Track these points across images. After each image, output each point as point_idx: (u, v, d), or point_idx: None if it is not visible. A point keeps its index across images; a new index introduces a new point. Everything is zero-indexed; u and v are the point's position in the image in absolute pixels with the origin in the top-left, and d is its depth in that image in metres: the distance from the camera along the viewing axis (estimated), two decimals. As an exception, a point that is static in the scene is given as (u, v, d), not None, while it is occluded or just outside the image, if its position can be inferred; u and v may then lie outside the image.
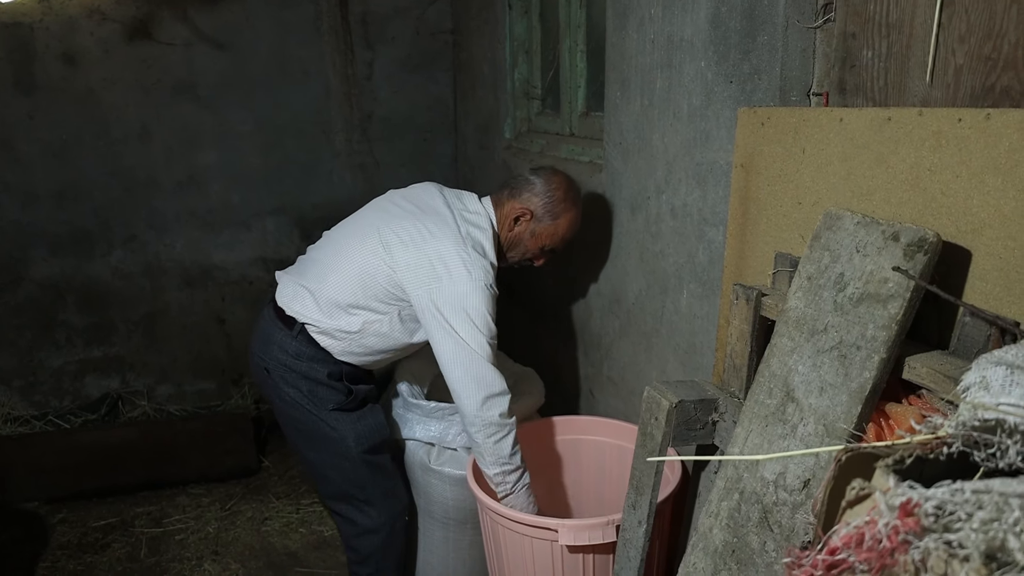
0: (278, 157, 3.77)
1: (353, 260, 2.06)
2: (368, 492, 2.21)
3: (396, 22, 3.82)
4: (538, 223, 2.19)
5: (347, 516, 2.27)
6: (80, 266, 3.63)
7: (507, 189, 2.22)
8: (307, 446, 2.21)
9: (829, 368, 1.17)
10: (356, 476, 2.19)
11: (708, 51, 1.78)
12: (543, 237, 2.21)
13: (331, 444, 2.15)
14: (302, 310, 2.09)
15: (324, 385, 2.12)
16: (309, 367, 2.11)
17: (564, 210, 2.19)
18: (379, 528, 2.25)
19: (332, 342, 2.10)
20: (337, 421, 2.14)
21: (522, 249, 2.23)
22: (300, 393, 2.12)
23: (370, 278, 2.04)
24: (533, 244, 2.22)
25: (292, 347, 2.10)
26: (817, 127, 1.38)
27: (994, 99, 1.19)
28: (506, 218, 2.19)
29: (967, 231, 1.10)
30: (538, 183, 2.19)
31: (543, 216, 2.18)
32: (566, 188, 2.20)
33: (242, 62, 3.63)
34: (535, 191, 2.18)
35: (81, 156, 3.51)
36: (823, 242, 1.25)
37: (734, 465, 1.32)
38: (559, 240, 2.23)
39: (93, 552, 2.89)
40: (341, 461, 2.17)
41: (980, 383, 0.71)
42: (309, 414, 2.13)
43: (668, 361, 2.13)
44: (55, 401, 3.72)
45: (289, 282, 2.16)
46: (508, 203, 2.19)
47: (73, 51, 3.42)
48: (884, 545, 0.57)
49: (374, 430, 2.19)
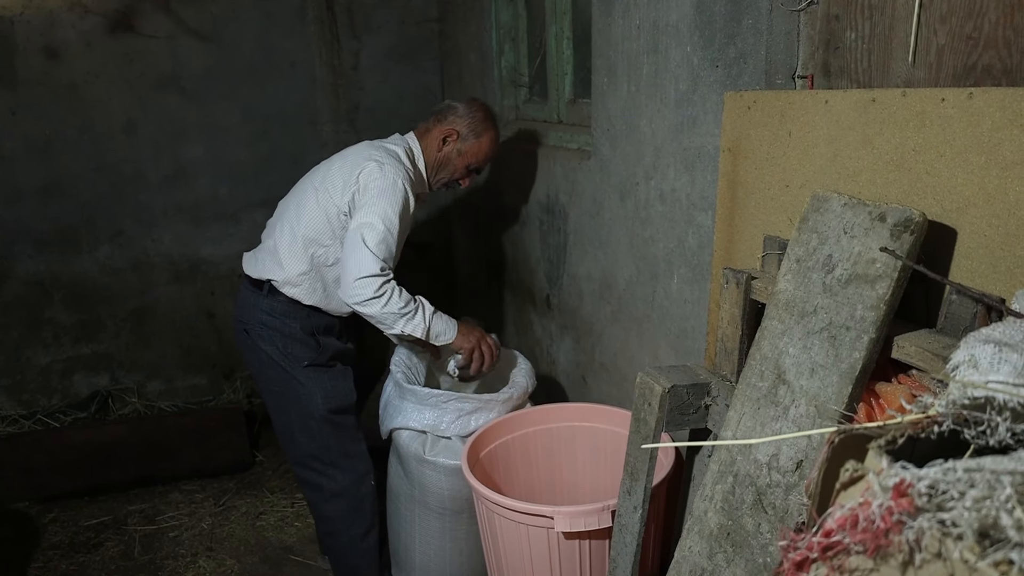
0: (265, 149, 3.75)
1: (295, 209, 2.30)
2: (332, 454, 2.36)
3: (382, 11, 3.80)
4: (464, 142, 2.41)
5: (314, 483, 2.40)
6: (66, 263, 3.60)
7: (433, 116, 2.45)
8: (279, 407, 2.36)
9: (819, 350, 1.18)
10: (320, 436, 2.33)
11: (694, 36, 1.78)
12: (468, 155, 2.43)
13: (300, 402, 2.31)
14: (264, 270, 2.31)
15: (297, 341, 2.30)
16: (282, 322, 2.29)
17: (485, 128, 2.43)
18: (344, 491, 2.38)
19: (296, 290, 2.28)
20: (307, 378, 2.30)
21: (450, 169, 2.45)
22: (276, 350, 2.30)
23: (309, 216, 2.26)
24: (460, 162, 2.44)
25: (265, 304, 2.30)
26: (803, 110, 1.38)
27: (976, 78, 1.19)
28: (434, 140, 2.41)
29: (952, 210, 1.11)
30: (460, 107, 2.43)
31: (468, 135, 2.41)
32: (485, 110, 2.45)
33: (227, 54, 3.60)
34: (458, 114, 2.41)
35: (65, 151, 3.48)
36: (811, 224, 1.26)
37: (727, 448, 1.33)
38: (483, 157, 2.47)
39: (86, 551, 2.88)
40: (308, 421, 2.32)
41: (969, 361, 0.71)
42: (283, 371, 2.30)
43: (660, 346, 2.14)
44: (44, 400, 3.70)
45: (252, 254, 2.41)
46: (435, 128, 2.42)
47: (55, 45, 3.38)
48: (878, 526, 0.57)
49: (342, 392, 2.36)
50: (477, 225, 3.70)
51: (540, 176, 2.86)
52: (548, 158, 2.76)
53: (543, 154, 2.80)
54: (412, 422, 2.28)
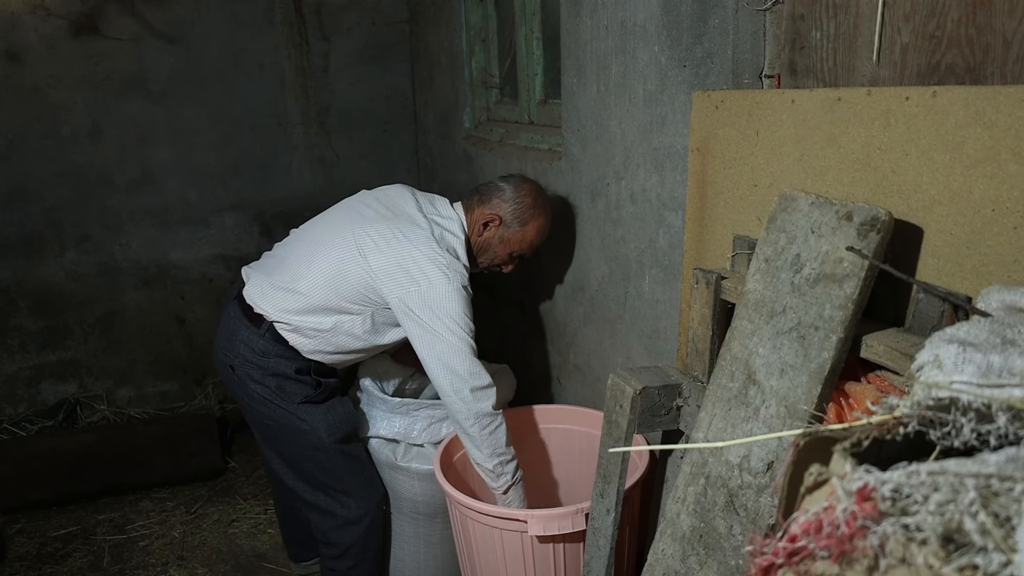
0: (234, 152, 3.70)
1: (328, 261, 2.05)
2: (346, 482, 2.22)
3: (351, 13, 3.77)
4: (507, 229, 2.20)
5: (325, 508, 2.24)
6: (32, 269, 3.53)
7: (477, 195, 2.24)
8: (279, 442, 2.21)
9: (789, 349, 1.17)
10: (331, 466, 2.19)
11: (661, 36, 1.77)
12: (512, 243, 2.23)
13: (303, 436, 2.16)
14: (272, 309, 2.08)
15: (292, 380, 2.12)
16: (276, 363, 2.11)
17: (532, 216, 2.21)
18: (360, 518, 2.25)
19: (302, 340, 2.10)
20: (307, 413, 2.14)
21: (491, 254, 2.25)
22: (268, 389, 2.12)
23: (344, 281, 2.04)
24: (502, 250, 2.24)
25: (259, 345, 2.10)
26: (770, 109, 1.38)
27: (940, 76, 1.20)
28: (475, 223, 2.20)
29: (918, 208, 1.11)
30: (507, 189, 2.21)
31: (512, 222, 2.20)
32: (535, 195, 2.23)
33: (194, 56, 3.55)
34: (504, 197, 2.20)
35: (28, 155, 3.41)
36: (779, 224, 1.26)
37: (699, 450, 1.32)
38: (527, 246, 2.25)
39: (53, 562, 2.82)
40: (315, 453, 2.17)
41: (933, 362, 0.70)
42: (278, 408, 2.13)
43: (633, 347, 2.13)
44: (9, 409, 3.62)
45: (258, 279, 2.14)
46: (478, 209, 2.21)
47: (16, 48, 3.31)
48: (843, 531, 0.56)
49: (344, 420, 2.21)
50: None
51: (512, 177, 2.84)
52: (520, 159, 2.75)
53: (515, 155, 2.79)
54: (382, 430, 2.25)
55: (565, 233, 2.45)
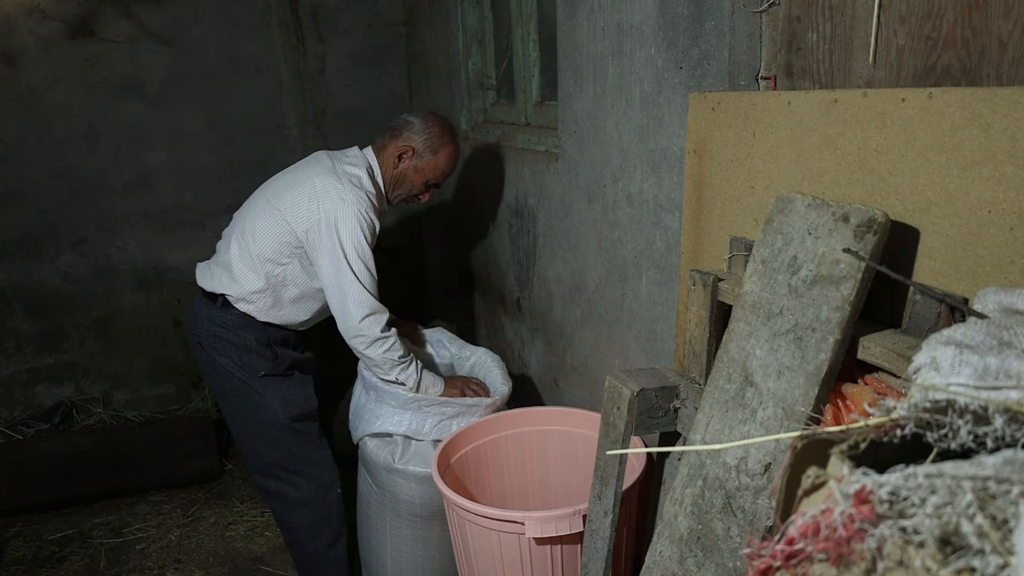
0: (231, 154, 3.70)
1: (252, 224, 2.25)
2: (296, 462, 2.34)
3: (348, 15, 3.77)
4: (420, 159, 2.37)
5: (277, 492, 2.37)
6: (28, 271, 3.52)
7: (389, 131, 2.40)
8: (239, 418, 2.33)
9: (786, 351, 1.17)
10: (283, 444, 2.31)
11: (657, 37, 1.77)
12: (425, 171, 2.39)
13: (260, 412, 2.29)
14: (218, 284, 2.27)
15: (253, 352, 2.28)
16: (236, 335, 2.27)
17: (442, 144, 2.38)
18: (310, 499, 2.36)
19: (251, 306, 2.26)
20: (265, 388, 2.28)
21: (408, 185, 2.41)
22: (231, 361, 2.27)
23: (265, 235, 2.22)
24: (418, 179, 2.40)
25: (219, 317, 2.28)
26: (766, 111, 1.38)
27: (936, 78, 1.20)
28: (390, 157, 2.37)
29: (914, 210, 1.11)
30: (416, 122, 2.37)
31: (424, 152, 2.36)
32: (442, 125, 2.40)
33: (190, 58, 3.55)
34: (414, 130, 2.36)
35: (24, 158, 3.40)
36: (776, 225, 1.26)
37: (697, 452, 1.32)
38: (440, 173, 2.42)
39: (50, 566, 2.82)
40: (269, 430, 2.30)
41: (930, 364, 0.71)
42: (241, 383, 2.28)
43: (630, 348, 2.13)
44: (5, 412, 3.61)
45: (206, 266, 2.36)
46: (391, 144, 2.37)
47: (11, 50, 3.30)
48: (840, 534, 0.56)
49: (302, 400, 2.33)
50: (447, 229, 3.68)
51: (509, 179, 2.84)
52: (516, 160, 2.75)
53: (512, 156, 2.79)
54: (390, 426, 2.25)
55: (562, 234, 2.45)
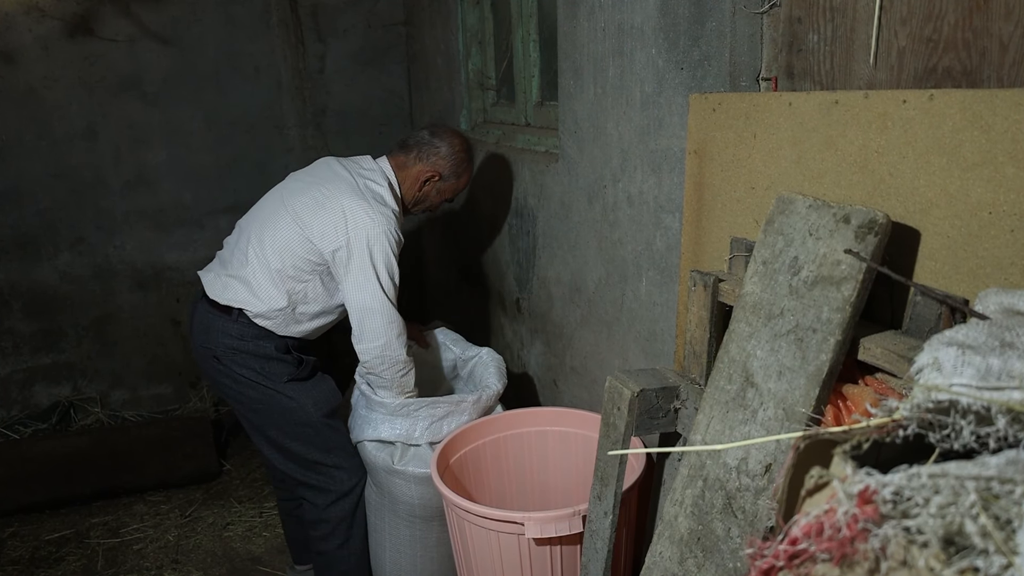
0: (230, 154, 3.70)
1: (272, 238, 2.19)
2: (336, 455, 2.32)
3: (347, 14, 3.77)
4: (444, 182, 2.41)
5: (318, 486, 2.33)
6: (25, 271, 3.52)
7: (413, 152, 2.38)
8: (267, 423, 2.28)
9: (787, 352, 1.17)
10: (321, 440, 2.28)
11: (658, 38, 1.77)
12: (446, 192, 2.45)
13: (291, 414, 2.25)
14: (235, 297, 2.20)
15: (275, 360, 2.23)
16: (256, 345, 2.21)
17: (466, 169, 2.44)
18: (352, 489, 2.35)
19: (269, 322, 2.21)
20: (294, 391, 2.25)
21: (428, 203, 2.46)
22: (254, 371, 2.22)
23: (288, 251, 2.17)
24: (437, 199, 2.46)
25: (235, 330, 2.20)
26: (767, 112, 1.38)
27: (936, 80, 1.20)
28: (415, 180, 2.38)
29: (915, 211, 1.11)
30: (443, 147, 2.37)
31: (449, 176, 2.41)
32: (466, 148, 2.43)
33: (189, 58, 3.55)
34: (441, 155, 2.37)
35: (23, 156, 3.40)
36: (776, 226, 1.26)
37: (697, 452, 1.32)
38: (458, 192, 2.50)
39: (47, 566, 2.81)
40: (304, 429, 2.27)
41: (932, 364, 0.71)
42: (266, 389, 2.23)
43: (630, 349, 2.13)
44: (3, 411, 3.61)
45: (215, 276, 2.27)
46: (415, 166, 2.37)
47: (10, 49, 3.30)
48: (844, 534, 0.56)
49: (329, 395, 2.32)
50: (446, 229, 3.68)
51: (508, 179, 2.84)
52: (516, 161, 2.75)
53: (511, 157, 2.79)
54: (383, 433, 2.25)
55: (562, 235, 2.45)
